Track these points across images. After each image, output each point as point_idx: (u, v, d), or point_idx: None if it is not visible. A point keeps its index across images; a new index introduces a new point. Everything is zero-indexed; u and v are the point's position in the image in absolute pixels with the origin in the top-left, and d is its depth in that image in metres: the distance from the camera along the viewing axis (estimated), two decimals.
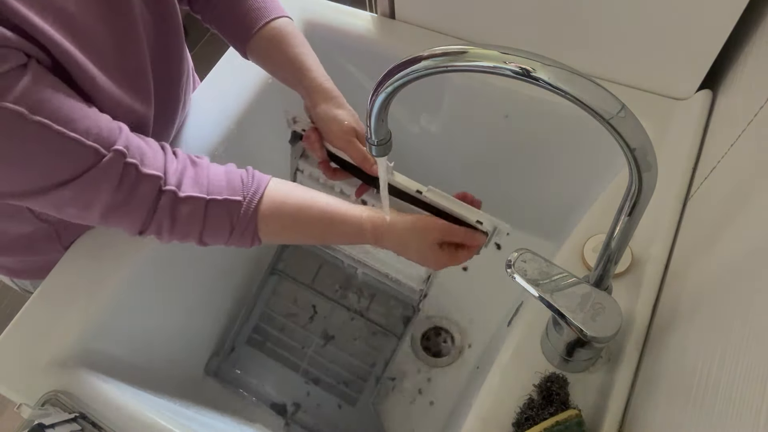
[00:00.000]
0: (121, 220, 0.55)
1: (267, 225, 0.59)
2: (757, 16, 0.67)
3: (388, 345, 0.93)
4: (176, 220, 0.56)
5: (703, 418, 0.38)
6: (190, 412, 0.76)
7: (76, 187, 0.51)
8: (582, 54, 0.78)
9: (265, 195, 0.59)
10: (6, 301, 1.56)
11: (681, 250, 0.63)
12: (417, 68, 0.40)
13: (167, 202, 0.55)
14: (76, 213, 0.54)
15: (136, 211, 0.55)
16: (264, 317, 0.99)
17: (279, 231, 0.61)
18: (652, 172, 0.39)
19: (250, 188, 0.59)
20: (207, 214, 0.57)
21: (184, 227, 0.57)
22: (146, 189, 0.54)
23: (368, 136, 0.49)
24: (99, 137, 0.51)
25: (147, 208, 0.55)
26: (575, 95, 0.35)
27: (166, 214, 0.56)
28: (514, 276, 0.52)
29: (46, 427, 0.58)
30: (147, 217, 0.55)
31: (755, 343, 0.35)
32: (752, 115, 0.55)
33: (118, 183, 0.52)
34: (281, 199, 0.60)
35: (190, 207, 0.56)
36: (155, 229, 0.57)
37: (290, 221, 0.60)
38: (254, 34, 0.69)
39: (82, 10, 0.51)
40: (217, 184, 0.58)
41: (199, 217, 0.57)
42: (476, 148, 0.98)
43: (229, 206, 0.58)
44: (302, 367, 0.95)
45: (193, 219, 0.57)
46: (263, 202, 0.59)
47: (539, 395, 0.58)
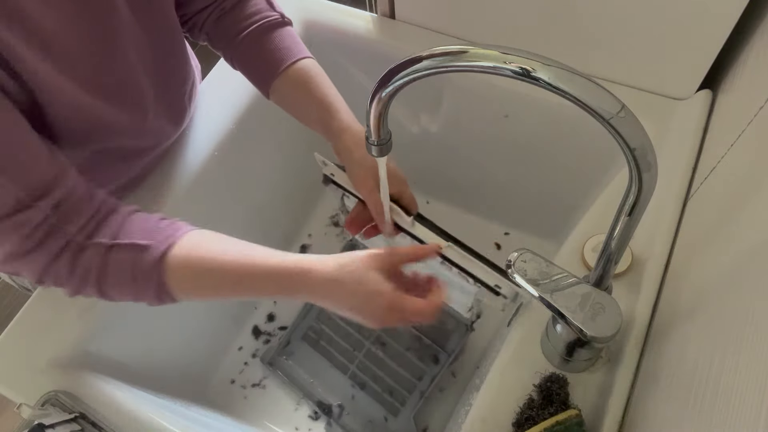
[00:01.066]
0: (21, 269, 0.53)
1: (175, 275, 0.53)
2: (757, 16, 0.67)
3: (438, 361, 0.93)
4: (74, 267, 0.52)
5: (703, 417, 0.38)
6: (190, 413, 0.76)
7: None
8: (582, 54, 0.78)
9: (179, 242, 0.53)
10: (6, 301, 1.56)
11: (681, 250, 0.63)
12: (417, 68, 0.40)
13: (68, 253, 0.52)
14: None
15: (36, 263, 0.51)
16: (322, 316, 1.00)
17: (191, 283, 0.54)
18: (652, 172, 0.39)
19: (164, 233, 0.54)
20: (108, 259, 0.52)
21: (81, 274, 0.52)
22: (54, 242, 0.51)
23: (368, 136, 0.49)
24: (32, 187, 0.48)
25: (47, 261, 0.51)
26: (575, 95, 0.35)
27: (65, 264, 0.52)
28: (514, 276, 0.52)
29: (46, 427, 0.58)
30: (46, 267, 0.52)
31: (755, 343, 0.35)
32: (752, 115, 0.55)
33: (26, 237, 0.50)
34: (194, 246, 0.54)
35: (89, 253, 0.52)
36: (53, 279, 0.53)
37: (201, 271, 0.53)
38: (278, 75, 0.67)
39: (54, 26, 0.49)
40: (129, 230, 0.53)
41: (98, 262, 0.52)
42: (476, 148, 0.98)
43: (134, 250, 0.52)
44: (351, 370, 0.96)
45: (92, 265, 0.52)
46: (173, 249, 0.53)
47: (539, 395, 0.58)
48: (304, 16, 0.92)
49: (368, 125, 0.48)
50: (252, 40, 0.68)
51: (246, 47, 0.69)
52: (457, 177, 1.04)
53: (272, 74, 0.67)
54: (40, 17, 0.48)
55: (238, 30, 0.68)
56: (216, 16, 0.69)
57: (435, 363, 0.93)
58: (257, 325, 1.02)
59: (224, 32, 0.69)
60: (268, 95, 0.70)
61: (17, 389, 0.64)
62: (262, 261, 0.53)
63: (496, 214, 1.05)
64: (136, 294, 0.54)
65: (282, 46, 0.68)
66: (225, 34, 0.69)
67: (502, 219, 1.06)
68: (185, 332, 0.88)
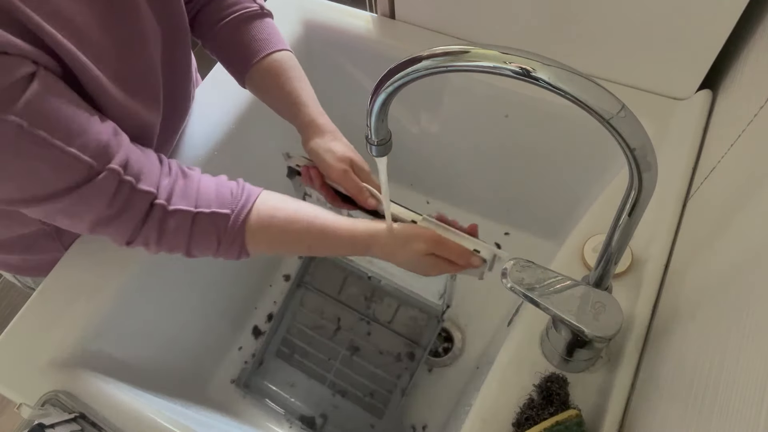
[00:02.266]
0: (110, 231, 0.56)
1: (254, 237, 0.60)
2: (757, 16, 0.67)
3: (414, 356, 0.93)
4: (164, 232, 0.57)
5: (703, 417, 0.38)
6: (190, 413, 0.76)
7: (68, 200, 0.51)
8: (582, 54, 0.78)
9: (254, 208, 0.60)
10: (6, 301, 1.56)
11: (681, 250, 0.63)
12: (417, 68, 0.40)
13: (156, 216, 0.55)
14: (66, 222, 0.54)
15: (126, 224, 0.55)
16: (292, 330, 1.00)
17: (267, 243, 0.61)
18: (652, 172, 0.39)
19: (239, 201, 0.59)
20: (194, 226, 0.57)
21: (171, 239, 0.57)
22: (138, 205, 0.54)
23: (368, 136, 0.49)
24: (97, 152, 0.51)
25: (136, 222, 0.55)
26: (575, 95, 0.35)
27: (154, 226, 0.56)
28: (512, 287, 0.51)
29: (46, 427, 0.58)
30: (135, 229, 0.56)
31: (755, 342, 0.35)
32: (752, 115, 0.55)
33: (110, 199, 0.52)
34: (270, 212, 0.60)
35: (177, 220, 0.56)
36: (142, 240, 0.57)
37: (278, 234, 0.61)
38: (253, 65, 0.69)
39: (87, 20, 0.51)
40: (206, 197, 0.58)
41: (186, 229, 0.57)
42: (476, 148, 0.98)
43: (216, 219, 0.58)
44: (329, 379, 0.96)
45: (180, 232, 0.57)
46: (251, 215, 0.59)
47: (539, 395, 0.58)
48: (304, 16, 0.92)
49: (368, 125, 0.48)
50: (231, 29, 0.71)
51: (225, 36, 0.71)
52: (457, 177, 1.04)
53: (247, 64, 0.70)
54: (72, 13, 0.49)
55: (218, 18, 0.71)
56: (199, 5, 0.71)
57: (411, 359, 0.93)
58: (257, 325, 1.03)
59: (206, 19, 0.71)
60: (244, 84, 0.73)
61: (17, 389, 0.64)
62: (336, 222, 0.62)
63: (496, 214, 1.05)
64: (219, 254, 0.60)
65: (259, 37, 0.70)
66: (206, 21, 0.71)
67: (502, 219, 1.06)
68: (185, 332, 0.88)
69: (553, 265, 0.67)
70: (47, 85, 0.47)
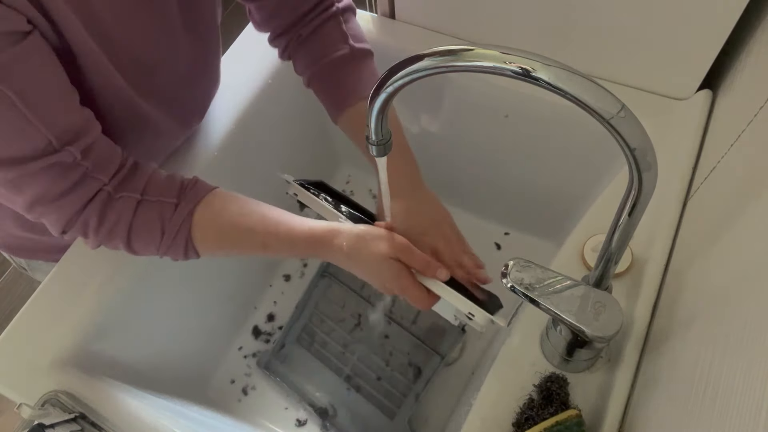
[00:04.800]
0: (48, 213, 0.53)
1: (202, 231, 0.56)
2: (757, 16, 0.67)
3: (430, 363, 0.92)
4: (104, 218, 0.54)
5: (703, 417, 0.38)
6: (190, 413, 0.76)
7: (16, 169, 0.49)
8: (582, 54, 0.78)
9: (203, 201, 0.57)
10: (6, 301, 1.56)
11: (681, 250, 0.63)
12: (417, 68, 0.40)
13: (99, 200, 0.54)
14: (5, 195, 0.53)
15: (66, 208, 0.53)
16: (314, 318, 0.99)
17: (216, 239, 0.58)
18: (652, 172, 0.39)
19: (188, 193, 0.57)
20: (137, 213, 0.55)
21: (111, 226, 0.54)
22: (84, 190, 0.53)
23: (368, 135, 0.49)
24: (61, 132, 0.49)
25: (78, 207, 0.53)
26: (575, 95, 0.35)
27: (95, 212, 0.53)
28: (513, 287, 0.51)
29: (46, 427, 0.58)
30: (75, 213, 0.53)
31: (755, 342, 0.35)
32: (752, 115, 0.55)
33: (58, 179, 0.51)
34: (220, 205, 0.57)
35: (120, 205, 0.54)
36: (81, 227, 0.54)
37: (228, 228, 0.57)
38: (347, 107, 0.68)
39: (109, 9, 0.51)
40: (155, 187, 0.56)
41: (128, 217, 0.54)
42: (476, 148, 0.98)
43: (162, 208, 0.55)
44: (345, 372, 0.95)
45: (122, 219, 0.54)
46: (199, 206, 0.56)
47: (539, 395, 0.58)
48: None
49: (368, 125, 0.48)
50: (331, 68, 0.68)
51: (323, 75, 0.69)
52: (456, 177, 1.04)
53: (343, 105, 0.68)
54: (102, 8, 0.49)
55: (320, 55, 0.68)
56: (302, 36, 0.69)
57: (428, 364, 0.93)
58: (257, 325, 1.02)
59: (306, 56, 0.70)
60: (336, 122, 0.71)
61: (17, 389, 0.64)
62: (291, 221, 0.57)
63: (495, 214, 1.05)
64: (163, 249, 0.56)
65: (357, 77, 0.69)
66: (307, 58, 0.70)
67: (502, 219, 1.06)
68: (185, 332, 0.88)
69: (553, 265, 0.67)
70: (35, 50, 0.46)
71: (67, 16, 0.48)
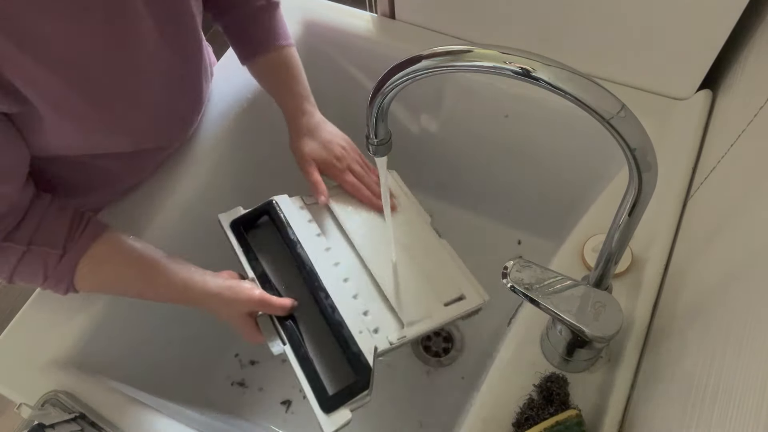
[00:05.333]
0: None
1: (82, 281, 0.59)
2: (757, 16, 0.67)
3: None
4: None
5: (703, 417, 0.38)
6: (190, 413, 0.76)
7: None
8: (582, 54, 0.78)
9: (88, 253, 0.59)
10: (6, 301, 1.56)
11: (681, 250, 0.63)
12: (417, 68, 0.40)
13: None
14: None
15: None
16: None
17: (95, 286, 0.61)
18: (652, 172, 0.39)
19: (76, 240, 0.59)
20: (21, 262, 0.57)
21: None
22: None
23: (368, 136, 0.49)
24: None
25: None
26: (575, 95, 0.35)
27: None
28: (513, 287, 0.51)
29: (46, 427, 0.58)
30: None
31: (755, 342, 0.35)
32: (752, 115, 0.55)
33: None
34: (105, 256, 0.60)
35: (5, 253, 0.56)
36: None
37: (109, 279, 0.61)
38: (261, 53, 0.74)
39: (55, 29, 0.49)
40: (42, 234, 0.58)
41: (12, 263, 0.56)
42: (476, 148, 0.98)
43: (47, 257, 0.57)
44: None
45: (5, 264, 0.56)
46: (83, 259, 0.59)
47: (539, 395, 0.58)
48: (304, 16, 0.92)
49: (368, 125, 0.48)
50: (240, 19, 0.74)
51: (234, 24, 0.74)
52: (455, 177, 1.04)
53: (250, 56, 0.75)
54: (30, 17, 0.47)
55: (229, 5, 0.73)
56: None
57: None
58: None
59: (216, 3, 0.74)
60: (245, 65, 0.77)
61: (17, 389, 0.64)
62: (169, 273, 0.62)
63: (495, 213, 1.05)
64: (45, 287, 0.59)
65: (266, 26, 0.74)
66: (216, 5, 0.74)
67: (501, 219, 1.06)
68: (184, 333, 0.88)
69: (553, 265, 0.67)
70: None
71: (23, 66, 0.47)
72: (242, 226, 0.71)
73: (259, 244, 0.70)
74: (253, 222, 0.72)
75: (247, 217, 0.71)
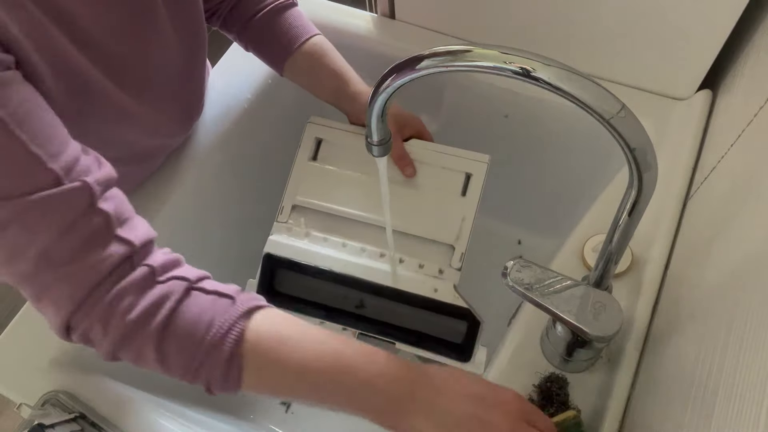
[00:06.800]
0: (61, 281, 0.40)
1: (255, 342, 0.43)
2: (757, 16, 0.67)
3: None
4: (142, 293, 0.42)
5: (703, 418, 0.38)
6: (190, 413, 0.76)
7: (15, 208, 0.38)
8: (582, 54, 0.78)
9: (264, 309, 0.46)
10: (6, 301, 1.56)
11: (681, 250, 0.63)
12: (417, 68, 0.40)
13: (141, 275, 0.42)
14: (2, 258, 0.40)
15: (88, 272, 0.40)
16: None
17: (271, 357, 0.43)
18: (652, 172, 0.39)
19: (243, 294, 0.47)
20: (187, 296, 0.43)
21: (148, 306, 0.42)
22: (110, 250, 0.40)
23: (368, 135, 0.49)
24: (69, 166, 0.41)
25: (104, 273, 0.40)
26: (575, 95, 0.35)
27: (133, 289, 0.41)
28: (513, 287, 0.51)
29: (46, 427, 0.58)
30: (99, 284, 0.41)
31: (755, 342, 0.35)
32: (752, 115, 0.55)
33: (73, 220, 0.40)
34: (280, 319, 0.46)
35: (167, 285, 0.43)
36: (105, 308, 0.41)
37: (288, 350, 0.44)
38: (293, 51, 0.72)
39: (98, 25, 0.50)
40: (210, 281, 0.46)
41: (176, 297, 0.42)
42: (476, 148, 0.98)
43: (216, 299, 0.44)
44: None
45: (168, 298, 0.42)
46: (259, 312, 0.45)
47: (539, 395, 0.58)
48: None
49: (368, 125, 0.48)
50: (264, 22, 0.73)
51: (259, 29, 0.73)
52: None
53: (286, 53, 0.72)
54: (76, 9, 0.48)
55: (252, 13, 0.72)
56: (231, 3, 0.73)
57: None
58: None
59: (239, 16, 0.73)
60: (282, 73, 0.75)
61: (17, 389, 0.64)
62: (363, 354, 0.44)
63: (495, 213, 1.05)
64: (203, 350, 0.43)
65: (294, 24, 0.73)
66: (240, 18, 0.73)
67: (501, 218, 1.06)
68: None
69: (553, 265, 0.67)
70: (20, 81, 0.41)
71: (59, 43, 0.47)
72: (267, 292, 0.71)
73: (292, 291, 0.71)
74: (272, 282, 0.72)
75: (264, 285, 0.71)
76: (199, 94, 0.74)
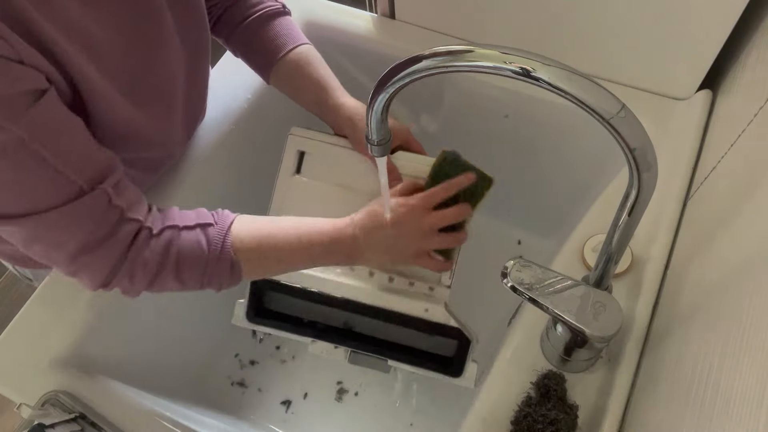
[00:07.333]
0: (94, 260, 0.53)
1: (242, 242, 0.58)
2: (757, 16, 0.67)
3: None
4: (153, 253, 0.55)
5: (702, 418, 0.38)
6: (189, 413, 0.76)
7: (55, 216, 0.49)
8: (582, 54, 0.78)
9: (237, 218, 0.60)
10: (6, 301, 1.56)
11: (681, 250, 0.63)
12: (417, 68, 0.40)
13: (143, 239, 0.54)
14: (43, 250, 0.52)
15: (111, 252, 0.53)
16: None
17: (255, 249, 0.59)
18: (652, 172, 0.39)
19: (219, 214, 0.60)
20: (180, 238, 0.56)
21: (160, 258, 0.55)
22: (124, 231, 0.53)
23: (368, 135, 0.49)
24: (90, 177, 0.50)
25: (122, 249, 0.53)
26: (575, 95, 0.35)
27: (140, 250, 0.54)
28: (513, 287, 0.51)
29: (46, 427, 0.58)
30: (120, 257, 0.53)
31: (755, 342, 0.35)
32: (752, 115, 0.55)
33: (97, 221, 0.51)
34: (251, 219, 0.61)
35: (164, 237, 0.56)
36: (127, 270, 0.54)
37: (265, 233, 0.60)
38: (279, 59, 0.71)
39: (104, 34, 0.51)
40: (187, 218, 0.58)
41: (175, 244, 0.56)
42: (476, 148, 0.98)
43: (202, 229, 0.57)
44: None
45: (168, 248, 0.55)
46: (235, 222, 0.59)
47: (537, 392, 0.58)
48: (304, 16, 0.92)
49: (368, 125, 0.48)
50: (253, 28, 0.72)
51: (248, 35, 0.73)
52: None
53: (272, 60, 0.72)
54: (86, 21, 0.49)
55: (241, 19, 0.72)
56: (223, 7, 0.73)
57: None
58: None
59: (228, 21, 0.73)
60: (269, 80, 0.74)
61: (17, 389, 0.64)
62: (318, 220, 0.63)
63: (495, 213, 1.05)
64: (210, 266, 0.57)
65: (282, 33, 0.72)
66: (229, 23, 0.73)
67: (501, 218, 1.06)
68: (184, 332, 0.88)
69: (553, 265, 0.67)
70: (55, 105, 0.47)
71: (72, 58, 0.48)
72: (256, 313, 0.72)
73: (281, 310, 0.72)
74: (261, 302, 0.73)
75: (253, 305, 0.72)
76: (202, 97, 0.74)
